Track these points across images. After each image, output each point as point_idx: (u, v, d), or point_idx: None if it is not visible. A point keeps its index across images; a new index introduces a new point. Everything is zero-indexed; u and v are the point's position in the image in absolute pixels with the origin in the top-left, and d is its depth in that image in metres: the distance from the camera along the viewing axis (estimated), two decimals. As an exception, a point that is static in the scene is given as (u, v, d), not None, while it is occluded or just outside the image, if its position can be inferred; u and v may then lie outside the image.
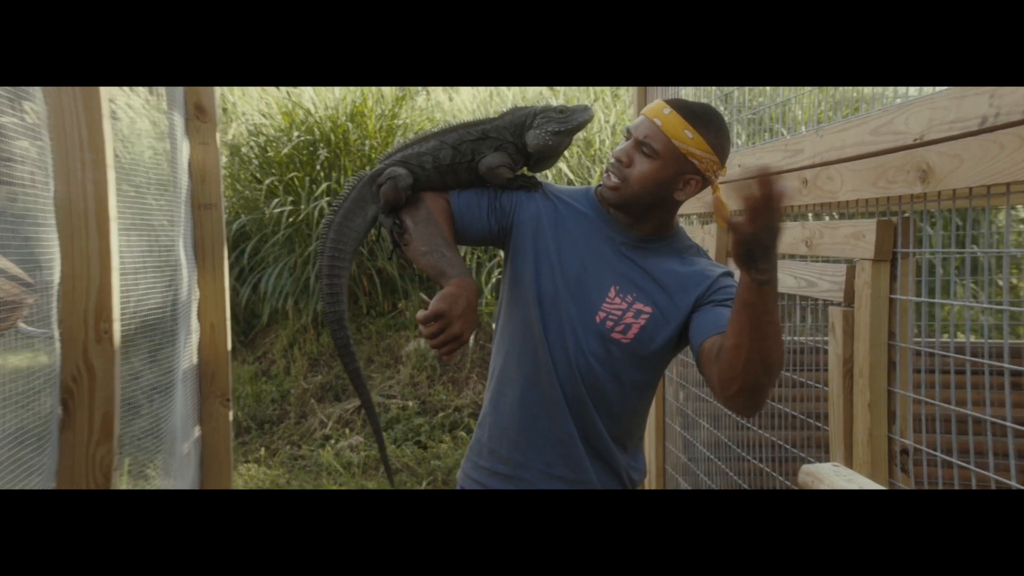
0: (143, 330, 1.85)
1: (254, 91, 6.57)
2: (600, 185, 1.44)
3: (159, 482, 2.00)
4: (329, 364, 5.40)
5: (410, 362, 5.24)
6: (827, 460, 1.97)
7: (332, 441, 4.66)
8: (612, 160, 1.39)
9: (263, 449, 4.65)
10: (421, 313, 1.21)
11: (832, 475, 1.16)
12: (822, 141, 1.74)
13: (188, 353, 2.33)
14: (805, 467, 1.13)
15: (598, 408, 1.41)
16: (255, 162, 6.00)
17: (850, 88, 2.03)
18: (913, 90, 1.52)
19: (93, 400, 1.50)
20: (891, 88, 1.77)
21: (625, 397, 1.42)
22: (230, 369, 2.48)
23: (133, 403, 1.82)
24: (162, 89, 2.18)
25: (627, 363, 1.40)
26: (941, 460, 1.45)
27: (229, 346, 2.48)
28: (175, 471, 2.15)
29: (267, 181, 5.62)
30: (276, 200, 5.50)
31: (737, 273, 1.25)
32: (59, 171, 1.48)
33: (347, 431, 4.76)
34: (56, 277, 1.46)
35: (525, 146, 1.47)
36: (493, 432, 1.47)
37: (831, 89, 2.03)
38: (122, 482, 1.76)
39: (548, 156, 1.49)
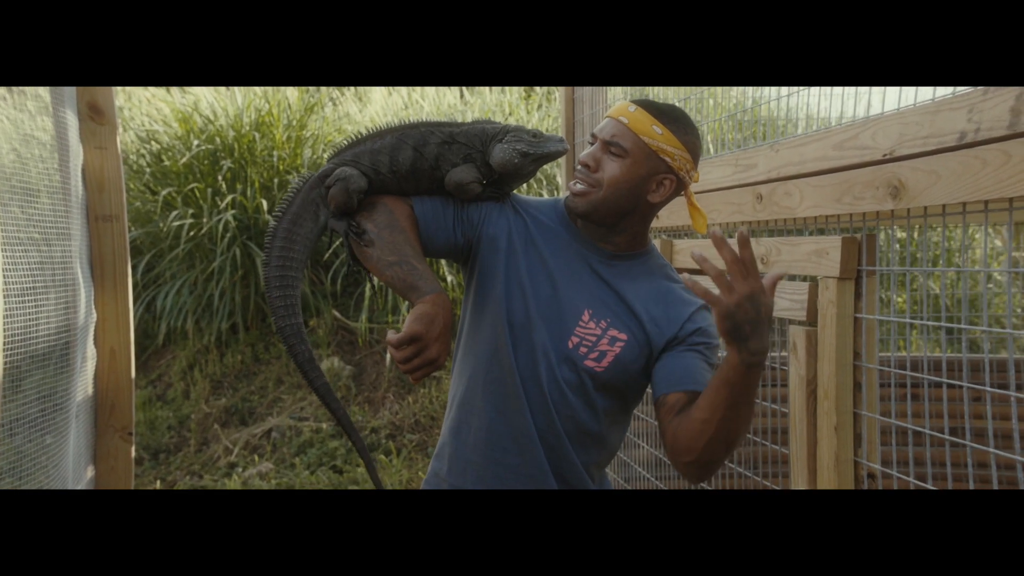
0: (32, 361, 1.61)
1: (141, 95, 6.14)
2: (567, 195, 1.35)
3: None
4: (234, 386, 5.07)
5: (322, 383, 4.99)
6: (777, 479, 1.92)
7: (239, 469, 4.35)
8: (578, 166, 1.31)
9: (158, 482, 4.29)
10: (393, 336, 1.10)
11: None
12: (778, 156, 1.70)
13: (83, 383, 2.06)
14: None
15: (571, 439, 1.31)
16: (148, 171, 5.60)
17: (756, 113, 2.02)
18: (875, 102, 1.50)
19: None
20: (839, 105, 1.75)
21: (600, 426, 1.33)
22: (133, 398, 2.21)
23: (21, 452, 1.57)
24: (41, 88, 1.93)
25: (600, 391, 1.31)
26: (899, 479, 1.41)
27: (132, 373, 2.22)
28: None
29: (163, 192, 5.24)
30: (175, 212, 5.13)
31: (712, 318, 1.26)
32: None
33: (256, 457, 4.46)
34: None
35: (487, 160, 1.35)
36: (454, 466, 1.35)
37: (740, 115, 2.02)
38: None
39: (510, 178, 1.37)
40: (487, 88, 6.46)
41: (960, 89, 1.19)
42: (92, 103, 2.16)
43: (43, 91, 1.92)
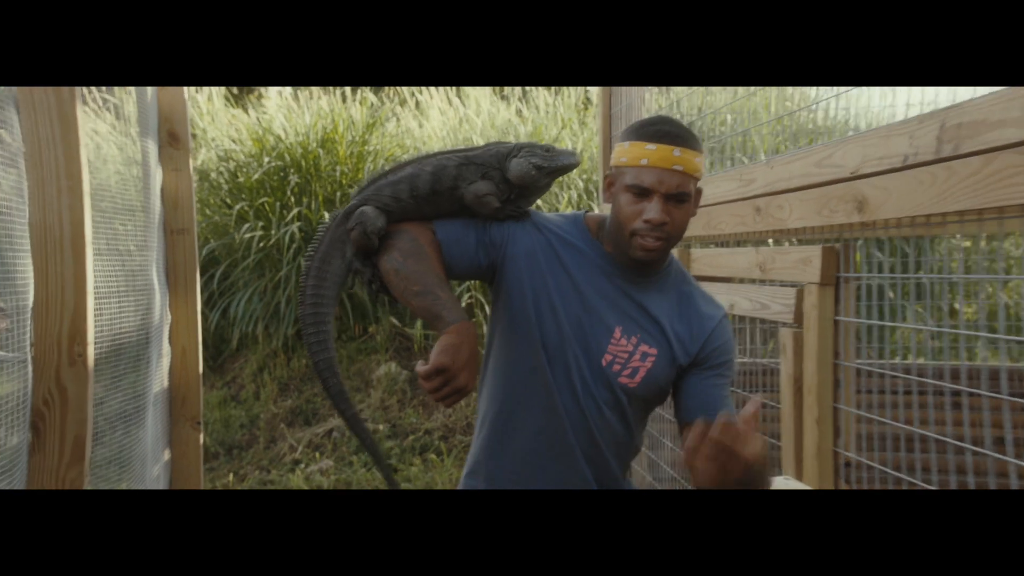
0: (113, 354, 1.88)
1: (223, 116, 6.60)
2: (632, 239, 1.30)
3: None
4: (299, 388, 5.40)
5: (381, 386, 5.26)
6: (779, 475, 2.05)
7: (302, 465, 4.65)
8: (643, 226, 1.26)
9: (232, 475, 4.63)
10: (422, 368, 1.13)
11: (783, 486, 1.23)
12: (772, 172, 1.84)
13: (159, 377, 2.35)
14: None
15: (608, 450, 1.35)
16: (225, 187, 6.02)
17: (807, 120, 2.14)
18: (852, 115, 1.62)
19: (65, 423, 1.53)
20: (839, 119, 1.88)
21: (632, 436, 1.39)
22: (201, 393, 2.50)
23: (96, 430, 1.84)
24: (132, 115, 2.22)
25: (632, 405, 1.35)
26: (880, 473, 1.53)
27: (200, 370, 2.50)
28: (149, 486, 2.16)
29: (237, 206, 5.64)
30: (247, 225, 5.52)
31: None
32: (34, 197, 1.53)
33: (317, 455, 4.76)
34: (30, 301, 1.50)
35: (506, 176, 1.37)
36: (495, 484, 1.38)
37: (787, 120, 2.13)
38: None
39: (527, 192, 1.39)
40: (541, 99, 6.67)
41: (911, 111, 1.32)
42: (171, 131, 2.47)
43: (132, 119, 2.22)
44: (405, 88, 7.37)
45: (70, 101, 1.56)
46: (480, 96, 6.85)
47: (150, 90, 2.31)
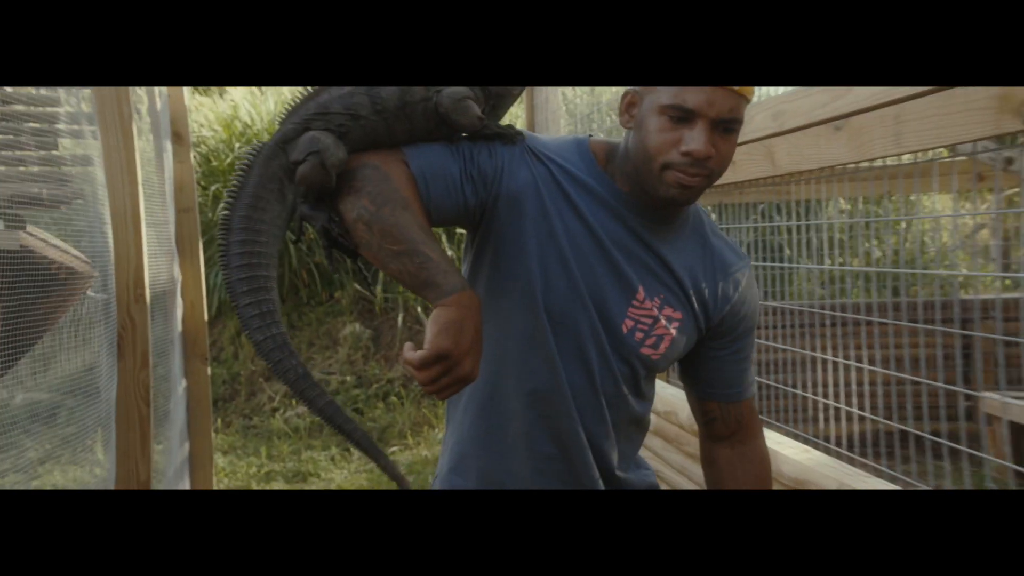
0: (155, 298, 2.59)
1: (192, 106, 7.17)
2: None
3: (166, 409, 2.75)
4: (274, 349, 6.10)
5: (347, 343, 5.97)
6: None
7: (280, 411, 5.37)
8: (681, 159, 0.99)
9: (219, 420, 5.32)
10: (413, 354, 0.88)
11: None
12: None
13: (176, 324, 3.06)
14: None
15: (621, 436, 1.13)
16: (199, 171, 6.62)
17: None
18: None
19: (135, 341, 2.25)
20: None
21: (647, 413, 1.18)
22: (207, 335, 3.21)
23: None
24: (148, 120, 2.90)
25: (647, 380, 1.14)
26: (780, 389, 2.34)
27: (206, 317, 3.21)
28: (173, 407, 2.90)
29: (212, 188, 6.26)
30: (221, 204, 6.14)
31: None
32: (111, 188, 2.23)
33: (293, 402, 5.48)
34: (112, 259, 2.21)
35: (483, 94, 1.08)
36: (488, 481, 1.13)
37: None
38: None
39: (502, 100, 1.12)
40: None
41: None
42: (176, 131, 3.15)
43: (146, 127, 2.89)
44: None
45: (128, 117, 2.26)
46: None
47: (159, 99, 2.98)
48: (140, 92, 2.74)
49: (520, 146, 1.08)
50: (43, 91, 1.97)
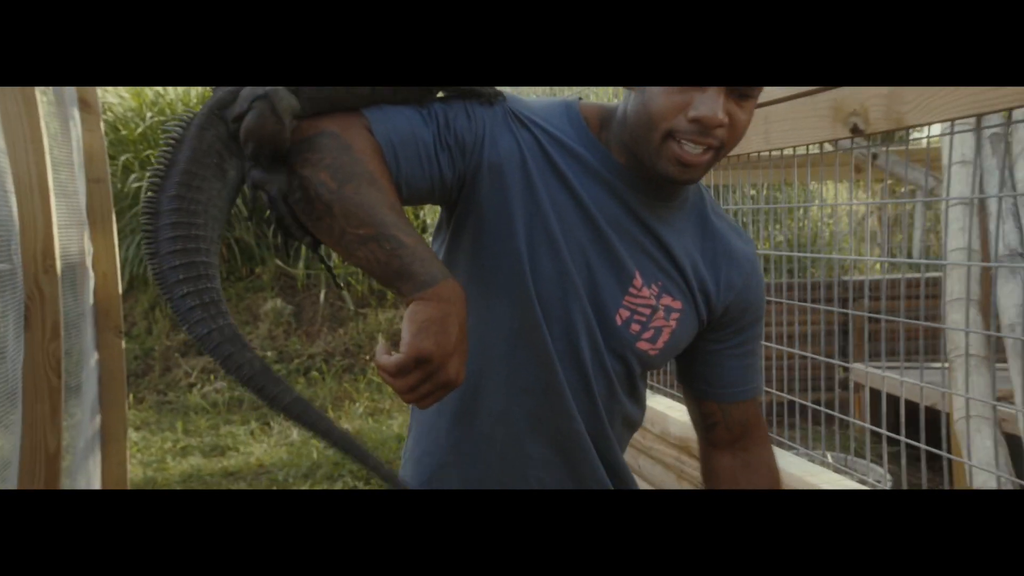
0: (67, 269, 2.55)
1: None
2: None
3: (77, 383, 2.72)
4: (190, 324, 5.99)
5: (268, 319, 5.91)
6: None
7: (198, 387, 5.30)
8: (689, 127, 0.87)
9: (131, 396, 5.21)
10: (387, 358, 0.78)
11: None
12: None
13: (87, 296, 3.01)
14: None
15: (618, 435, 1.03)
16: (107, 140, 6.38)
17: None
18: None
19: (44, 312, 2.22)
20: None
21: (641, 412, 1.07)
22: (121, 307, 3.16)
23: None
24: (58, 89, 2.83)
25: (643, 376, 1.04)
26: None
27: (120, 290, 3.16)
28: (84, 380, 2.86)
29: (122, 158, 6.05)
30: (133, 175, 5.95)
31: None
32: (12, 157, 2.19)
33: (212, 377, 5.41)
34: (16, 229, 2.17)
35: None
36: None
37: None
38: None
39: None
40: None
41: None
42: (83, 99, 3.07)
43: (50, 93, 2.82)
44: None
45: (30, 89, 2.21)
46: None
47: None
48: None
49: (501, 108, 0.94)
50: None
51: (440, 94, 0.94)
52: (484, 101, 0.93)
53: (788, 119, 1.42)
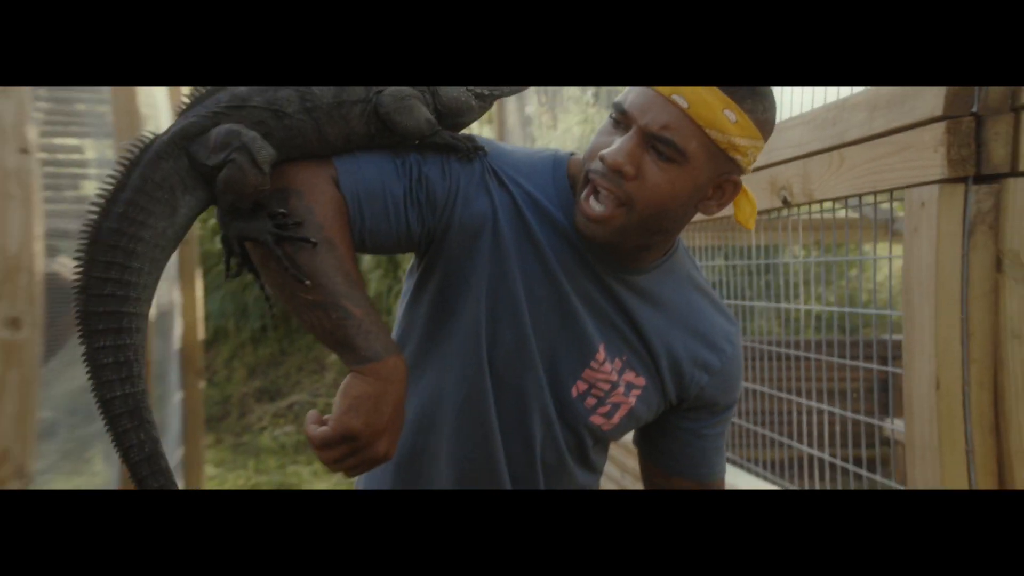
0: (157, 319, 2.98)
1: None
2: (581, 190, 0.88)
3: (161, 420, 3.13)
4: (265, 372, 6.45)
5: (334, 368, 6.33)
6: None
7: (269, 430, 5.72)
8: (598, 168, 0.85)
9: (212, 437, 5.67)
10: (316, 429, 0.78)
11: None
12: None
13: (175, 342, 3.46)
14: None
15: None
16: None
17: None
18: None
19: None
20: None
21: (594, 479, 1.04)
22: (202, 353, 3.60)
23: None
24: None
25: (597, 449, 1.00)
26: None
27: (201, 337, 3.60)
28: (169, 416, 3.27)
29: (211, 221, 6.68)
30: (219, 236, 6.54)
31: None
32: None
33: (281, 421, 5.83)
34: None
35: (434, 103, 0.90)
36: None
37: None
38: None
39: (459, 117, 0.93)
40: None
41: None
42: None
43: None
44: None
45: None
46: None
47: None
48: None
49: (480, 164, 0.90)
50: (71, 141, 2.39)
51: (418, 142, 0.91)
52: (462, 156, 0.90)
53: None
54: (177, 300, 3.52)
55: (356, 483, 1.05)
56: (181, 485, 3.44)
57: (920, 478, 1.09)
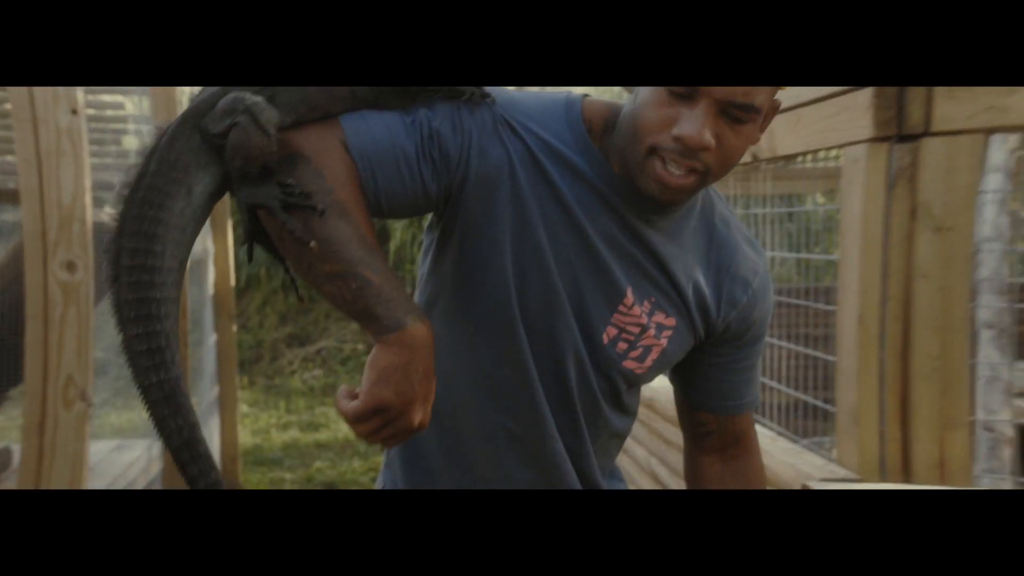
0: (192, 266, 3.21)
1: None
2: (649, 163, 0.84)
3: (198, 361, 3.38)
4: (295, 319, 6.74)
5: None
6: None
7: (299, 373, 6.02)
8: (671, 144, 0.82)
9: (245, 378, 5.99)
10: (348, 403, 0.78)
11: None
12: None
13: (209, 286, 3.70)
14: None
15: (599, 452, 1.01)
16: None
17: None
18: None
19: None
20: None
21: (628, 426, 1.04)
22: (234, 298, 3.84)
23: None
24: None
25: (632, 391, 1.01)
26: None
27: (232, 283, 3.84)
28: (205, 356, 3.53)
29: (240, 171, 6.90)
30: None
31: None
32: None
33: (310, 365, 6.12)
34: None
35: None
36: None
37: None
38: (188, 347, 3.12)
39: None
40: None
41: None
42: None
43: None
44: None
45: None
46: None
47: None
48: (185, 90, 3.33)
49: (491, 114, 0.88)
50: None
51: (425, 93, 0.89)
52: (472, 103, 0.88)
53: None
54: (210, 248, 3.75)
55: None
56: (216, 421, 3.72)
57: (842, 400, 1.26)
